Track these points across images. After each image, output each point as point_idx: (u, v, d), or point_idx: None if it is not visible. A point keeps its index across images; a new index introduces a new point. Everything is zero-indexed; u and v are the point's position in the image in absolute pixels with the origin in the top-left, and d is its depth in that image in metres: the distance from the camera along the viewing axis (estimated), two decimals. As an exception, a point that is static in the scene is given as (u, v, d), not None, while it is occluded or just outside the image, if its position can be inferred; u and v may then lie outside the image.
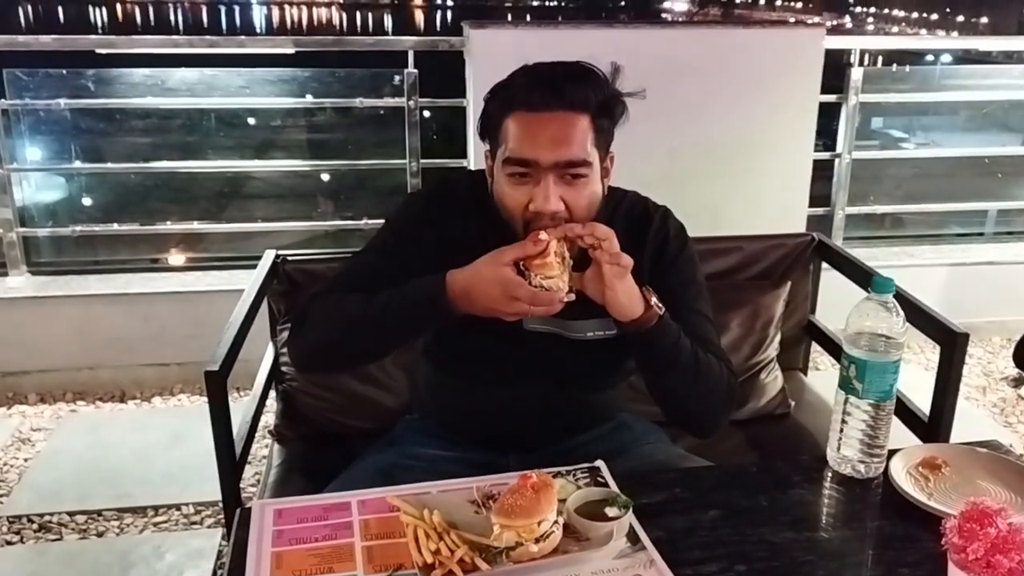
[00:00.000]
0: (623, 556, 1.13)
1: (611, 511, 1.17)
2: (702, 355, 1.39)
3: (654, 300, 1.33)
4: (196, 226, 3.69)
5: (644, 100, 1.39)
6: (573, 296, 1.28)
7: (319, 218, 4.17)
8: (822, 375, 2.93)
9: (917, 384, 1.85)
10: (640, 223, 1.49)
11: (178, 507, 2.47)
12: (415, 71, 3.21)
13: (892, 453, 1.33)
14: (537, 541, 1.09)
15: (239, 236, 3.73)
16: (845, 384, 1.29)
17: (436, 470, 1.45)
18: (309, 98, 3.57)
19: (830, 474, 1.34)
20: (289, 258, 1.97)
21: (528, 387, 1.48)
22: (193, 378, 3.19)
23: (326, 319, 1.41)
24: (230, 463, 1.58)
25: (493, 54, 3.00)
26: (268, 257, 1.96)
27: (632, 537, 1.16)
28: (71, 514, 2.43)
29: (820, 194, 3.48)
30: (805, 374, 2.27)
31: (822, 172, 3.45)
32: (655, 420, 1.62)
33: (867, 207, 3.82)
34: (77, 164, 3.76)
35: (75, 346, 3.15)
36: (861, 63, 3.51)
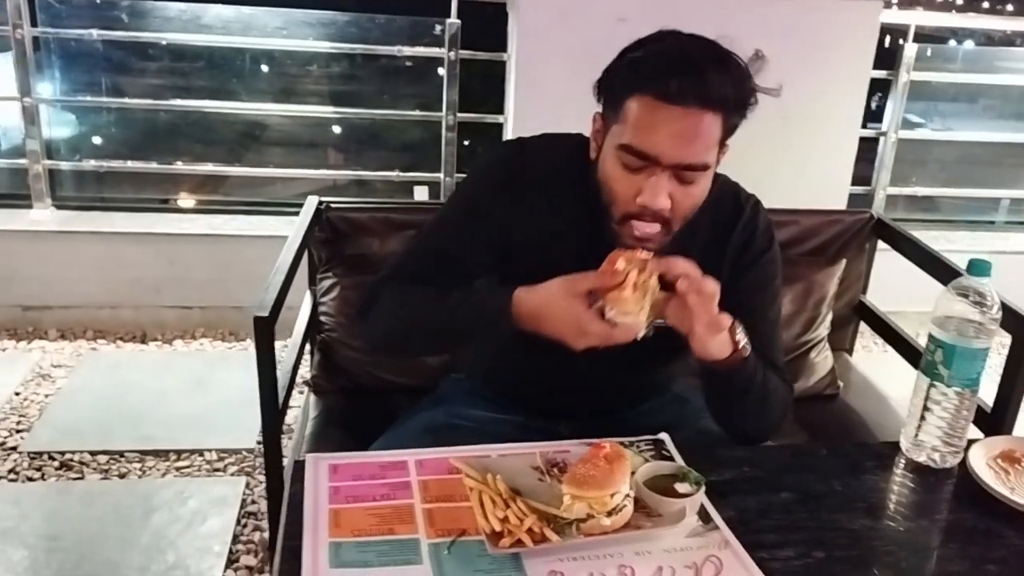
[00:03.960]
0: (695, 535, 1.08)
1: (682, 487, 1.12)
2: (771, 382, 1.32)
3: (742, 341, 1.23)
4: (225, 169, 3.62)
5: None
6: (651, 332, 1.17)
7: (348, 167, 4.09)
8: (866, 356, 2.87)
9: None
10: (729, 213, 1.40)
11: (201, 453, 2.44)
12: (457, 21, 3.11)
13: (970, 443, 1.27)
14: (609, 514, 1.04)
15: (265, 181, 3.66)
16: (930, 369, 1.23)
17: (486, 431, 1.41)
18: (347, 44, 3.47)
19: (903, 461, 1.28)
20: (332, 205, 1.91)
21: (584, 363, 1.40)
22: (216, 322, 3.14)
23: (394, 312, 1.37)
24: (273, 411, 1.52)
25: (538, 7, 2.90)
26: (311, 203, 1.90)
27: (703, 516, 1.11)
28: (93, 453, 2.40)
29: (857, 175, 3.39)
30: (851, 355, 2.21)
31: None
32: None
33: (908, 188, 3.73)
34: (105, 99, 3.67)
35: (98, 283, 3.10)
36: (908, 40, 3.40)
